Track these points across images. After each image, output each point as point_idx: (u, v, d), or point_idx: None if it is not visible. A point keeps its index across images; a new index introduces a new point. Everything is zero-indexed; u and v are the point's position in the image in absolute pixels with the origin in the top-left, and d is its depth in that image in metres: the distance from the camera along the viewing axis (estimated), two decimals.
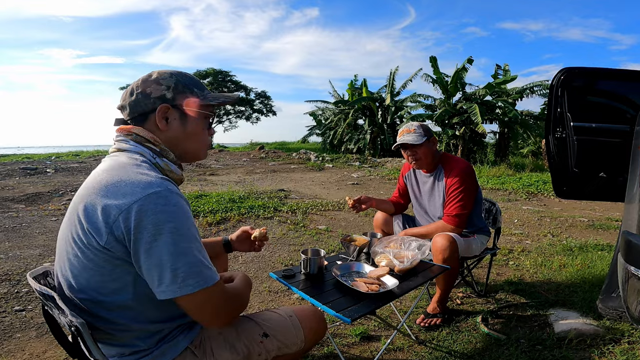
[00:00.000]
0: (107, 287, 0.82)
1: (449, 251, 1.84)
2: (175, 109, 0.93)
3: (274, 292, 2.43)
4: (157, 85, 0.92)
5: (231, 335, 0.99)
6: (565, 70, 2.17)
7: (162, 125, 0.92)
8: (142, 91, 0.92)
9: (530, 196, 6.61)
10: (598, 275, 2.65)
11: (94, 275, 0.82)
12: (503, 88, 12.99)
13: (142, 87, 0.92)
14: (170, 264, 0.77)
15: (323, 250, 1.70)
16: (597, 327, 1.87)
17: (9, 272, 2.63)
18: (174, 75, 0.95)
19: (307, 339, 1.09)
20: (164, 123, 0.92)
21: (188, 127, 0.95)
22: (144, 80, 0.94)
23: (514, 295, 2.39)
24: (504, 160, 12.67)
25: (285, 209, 4.82)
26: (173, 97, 0.93)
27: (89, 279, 0.82)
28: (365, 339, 1.85)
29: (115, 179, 0.80)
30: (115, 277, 0.82)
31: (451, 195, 2.03)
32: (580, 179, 2.20)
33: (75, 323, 0.77)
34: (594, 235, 3.99)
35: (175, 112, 0.93)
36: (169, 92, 0.92)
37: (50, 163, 10.55)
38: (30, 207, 4.79)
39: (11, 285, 2.42)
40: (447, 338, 1.85)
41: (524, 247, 3.49)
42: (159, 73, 0.95)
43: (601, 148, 2.10)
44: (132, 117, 0.94)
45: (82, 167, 9.63)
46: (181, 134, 0.95)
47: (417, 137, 2.04)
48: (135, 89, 0.93)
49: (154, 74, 0.95)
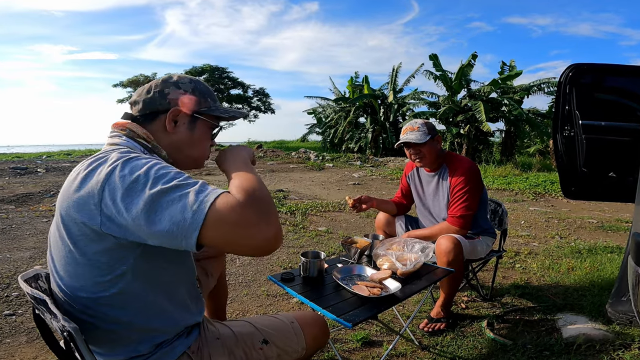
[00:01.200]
0: (105, 282, 0.82)
1: (454, 253, 1.84)
2: (186, 115, 0.96)
3: (273, 296, 2.43)
4: (175, 88, 0.96)
5: (230, 341, 1.00)
6: (573, 67, 2.18)
7: (170, 127, 0.94)
8: (160, 90, 0.95)
9: (538, 197, 6.62)
10: (607, 278, 2.65)
11: (91, 271, 0.81)
12: (509, 85, 13.00)
13: (160, 87, 0.95)
14: (173, 203, 0.71)
15: (323, 253, 1.70)
16: (606, 332, 1.87)
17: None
18: (192, 81, 0.99)
19: (309, 345, 1.09)
20: (172, 125, 0.95)
21: (195, 134, 0.97)
22: (164, 80, 0.97)
23: (520, 299, 2.39)
24: (510, 159, 12.67)
25: (284, 210, 4.82)
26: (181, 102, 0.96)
27: (86, 276, 0.82)
28: (366, 344, 1.85)
29: (95, 164, 0.80)
30: (112, 270, 0.81)
31: (455, 195, 2.03)
32: (589, 179, 2.20)
33: (67, 328, 0.77)
34: (603, 237, 3.99)
35: (185, 117, 0.96)
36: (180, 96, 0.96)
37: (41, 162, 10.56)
38: (20, 208, 4.80)
39: (0, 289, 2.42)
40: (452, 343, 1.85)
41: (531, 250, 3.49)
42: (179, 77, 0.99)
43: (611, 147, 2.10)
44: (143, 113, 0.95)
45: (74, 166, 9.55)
46: (187, 139, 0.97)
47: (420, 135, 2.04)
48: (154, 87, 0.96)
49: (174, 76, 0.99)
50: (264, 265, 2.99)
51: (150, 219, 0.71)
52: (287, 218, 4.49)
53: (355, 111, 17.34)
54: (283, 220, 4.37)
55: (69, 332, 0.77)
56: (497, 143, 14.85)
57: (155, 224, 0.71)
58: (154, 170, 0.75)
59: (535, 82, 12.86)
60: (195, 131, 0.97)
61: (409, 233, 2.15)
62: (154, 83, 0.97)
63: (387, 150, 15.71)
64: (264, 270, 2.89)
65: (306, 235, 3.82)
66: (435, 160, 2.12)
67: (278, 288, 2.51)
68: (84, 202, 0.77)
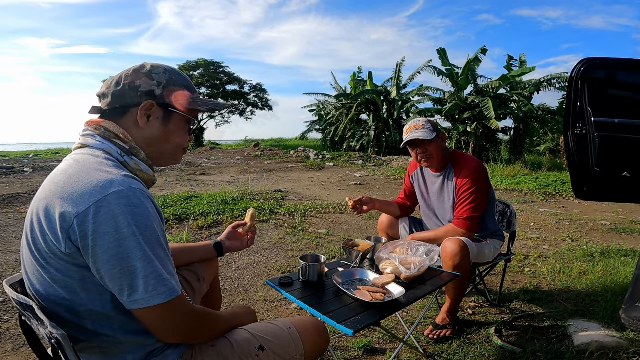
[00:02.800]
0: (81, 297, 0.82)
1: (460, 257, 1.84)
2: (160, 107, 0.94)
3: (270, 302, 2.43)
4: (148, 79, 0.93)
5: (225, 349, 0.99)
6: (585, 61, 2.17)
7: (142, 122, 0.93)
8: (130, 82, 0.92)
9: (548, 197, 6.62)
10: (621, 283, 2.65)
11: (66, 286, 0.82)
12: (518, 81, 12.99)
13: (131, 78, 0.93)
14: (142, 271, 0.77)
15: (323, 256, 1.70)
16: (620, 340, 1.87)
17: None
18: (167, 71, 0.96)
19: (307, 353, 1.09)
20: (144, 120, 0.93)
21: (169, 129, 0.97)
22: (135, 70, 0.94)
23: (530, 304, 2.39)
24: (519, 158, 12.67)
25: (283, 211, 4.83)
26: (161, 95, 0.94)
27: (60, 291, 0.82)
28: (369, 352, 1.85)
29: (74, 180, 0.80)
30: (87, 287, 0.82)
31: (462, 196, 2.03)
32: (602, 179, 2.20)
33: (55, 335, 0.77)
34: (616, 240, 4.00)
35: (159, 110, 0.94)
36: (159, 88, 0.94)
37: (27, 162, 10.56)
38: (6, 210, 4.79)
39: None
40: (458, 351, 1.85)
41: (541, 253, 3.49)
42: (152, 66, 0.96)
43: (625, 145, 2.10)
44: (112, 107, 0.93)
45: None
46: (161, 134, 0.96)
47: (426, 132, 2.03)
48: (123, 78, 0.93)
49: (147, 66, 0.95)
50: (262, 269, 2.99)
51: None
52: (286, 220, 4.49)
53: (357, 108, 17.33)
54: (281, 222, 4.37)
55: (56, 339, 0.77)
56: (505, 141, 14.85)
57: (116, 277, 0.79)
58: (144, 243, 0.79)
59: (545, 78, 12.85)
60: (170, 125, 0.96)
61: (413, 236, 2.15)
62: (124, 74, 0.94)
63: (390, 149, 15.71)
64: (261, 274, 2.89)
65: (305, 237, 3.82)
66: (442, 159, 2.12)
67: (276, 293, 2.51)
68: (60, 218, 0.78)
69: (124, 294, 0.78)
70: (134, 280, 0.77)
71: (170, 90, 0.95)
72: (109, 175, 0.80)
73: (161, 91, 0.94)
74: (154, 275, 0.79)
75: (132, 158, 0.92)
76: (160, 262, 0.81)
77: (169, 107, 0.95)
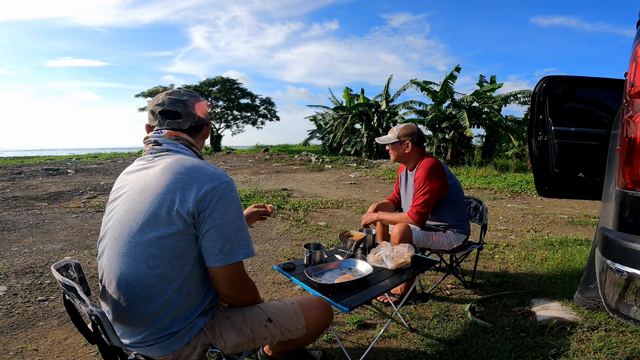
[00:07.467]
0: (176, 263, 0.90)
1: (398, 239, 1.92)
2: (207, 125, 1.13)
3: (278, 284, 2.43)
4: (204, 105, 1.11)
5: (239, 319, 1.03)
6: (547, 79, 2.18)
7: (207, 135, 1.12)
8: (198, 106, 1.07)
9: (514, 195, 6.61)
10: (577, 268, 2.65)
11: (168, 254, 0.89)
12: (489, 95, 12.98)
13: (196, 103, 1.07)
14: (232, 237, 0.92)
15: (324, 245, 1.71)
16: (576, 316, 1.87)
17: (33, 265, 2.63)
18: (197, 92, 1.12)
19: (310, 325, 1.11)
20: (207, 134, 1.12)
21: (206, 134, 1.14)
22: (195, 96, 1.08)
23: (499, 286, 2.39)
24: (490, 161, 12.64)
25: (288, 206, 4.82)
26: (207, 115, 1.12)
27: (163, 258, 0.89)
28: (361, 326, 1.85)
29: (196, 168, 0.94)
30: (184, 253, 0.91)
31: (416, 190, 2.05)
32: (560, 179, 2.20)
33: (95, 312, 0.77)
34: (573, 231, 3.99)
35: (207, 127, 1.13)
36: (207, 110, 1.10)
37: (70, 164, 10.55)
38: (52, 205, 4.80)
39: (35, 277, 2.42)
40: (438, 326, 1.85)
41: (509, 242, 3.49)
42: (195, 91, 1.18)
43: (580, 150, 2.10)
44: (195, 125, 1.07)
45: (100, 168, 9.63)
46: (204, 140, 1.13)
47: (391, 136, 2.18)
48: (196, 106, 1.06)
49: (195, 93, 1.11)
50: (270, 256, 2.99)
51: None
52: (291, 214, 4.49)
53: (352, 118, 17.32)
54: (287, 216, 4.37)
55: (96, 316, 0.77)
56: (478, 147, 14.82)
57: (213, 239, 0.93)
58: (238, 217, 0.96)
59: (511, 92, 12.89)
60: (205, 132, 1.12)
61: (378, 214, 2.19)
62: (193, 101, 1.06)
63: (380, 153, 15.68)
64: (270, 260, 2.89)
65: (307, 229, 3.82)
66: (400, 159, 2.20)
67: (283, 276, 2.51)
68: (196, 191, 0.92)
69: (214, 252, 0.91)
70: (225, 243, 0.91)
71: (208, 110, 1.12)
72: (218, 169, 0.97)
73: (207, 112, 1.12)
74: (238, 241, 0.93)
75: (202, 161, 1.05)
76: (246, 232, 0.96)
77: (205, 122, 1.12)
